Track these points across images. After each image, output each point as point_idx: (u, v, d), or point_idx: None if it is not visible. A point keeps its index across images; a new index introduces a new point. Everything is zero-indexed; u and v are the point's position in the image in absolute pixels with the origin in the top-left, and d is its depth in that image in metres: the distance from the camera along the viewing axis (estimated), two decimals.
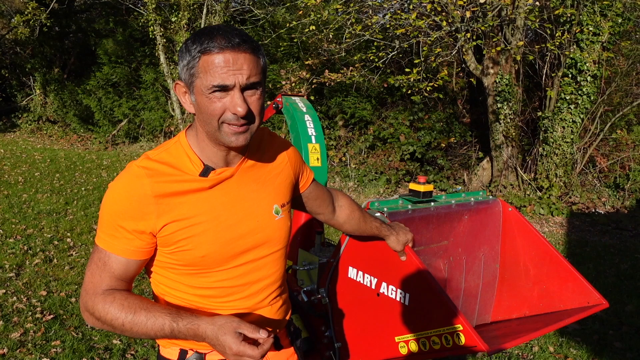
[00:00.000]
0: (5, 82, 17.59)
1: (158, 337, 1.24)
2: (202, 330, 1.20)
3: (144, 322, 1.22)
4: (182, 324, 1.21)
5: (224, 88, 1.20)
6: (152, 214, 1.25)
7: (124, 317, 1.23)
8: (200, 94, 1.22)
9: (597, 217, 7.78)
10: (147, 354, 3.60)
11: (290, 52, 10.92)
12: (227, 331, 1.18)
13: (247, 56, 1.20)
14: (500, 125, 8.54)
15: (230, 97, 1.21)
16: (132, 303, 1.24)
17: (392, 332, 1.82)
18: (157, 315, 1.22)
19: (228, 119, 1.23)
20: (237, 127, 1.23)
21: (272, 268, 1.45)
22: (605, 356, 3.80)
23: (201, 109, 1.24)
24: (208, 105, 1.22)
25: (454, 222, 2.25)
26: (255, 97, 1.24)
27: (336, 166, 10.23)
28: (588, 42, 7.64)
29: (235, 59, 1.19)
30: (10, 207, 7.28)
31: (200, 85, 1.21)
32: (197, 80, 1.21)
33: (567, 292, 2.05)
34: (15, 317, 4.01)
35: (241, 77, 1.20)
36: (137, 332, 1.23)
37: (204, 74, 1.20)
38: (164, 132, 13.20)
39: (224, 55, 1.18)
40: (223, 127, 1.24)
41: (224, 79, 1.19)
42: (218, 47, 1.18)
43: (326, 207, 1.69)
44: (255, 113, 1.25)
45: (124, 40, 13.90)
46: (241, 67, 1.19)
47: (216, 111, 1.22)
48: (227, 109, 1.22)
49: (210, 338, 1.19)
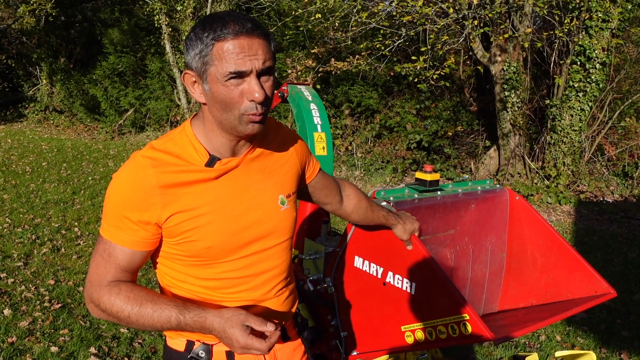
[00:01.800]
0: (12, 72, 17.64)
1: (164, 330, 1.24)
2: (209, 323, 1.19)
3: (150, 315, 1.21)
4: (189, 316, 1.20)
5: (240, 74, 1.18)
6: (157, 204, 1.24)
7: (129, 309, 1.22)
8: (216, 82, 1.20)
9: (605, 205, 7.74)
10: (155, 342, 3.63)
11: (296, 40, 10.87)
12: (234, 324, 1.17)
13: (260, 41, 1.19)
14: (508, 114, 8.48)
15: (247, 83, 1.20)
16: (138, 295, 1.23)
17: (398, 321, 1.82)
18: (163, 307, 1.21)
19: (247, 108, 1.21)
20: (255, 115, 1.22)
21: (278, 259, 1.44)
22: (612, 345, 3.79)
23: (217, 98, 1.21)
24: (226, 93, 1.20)
25: (461, 211, 2.24)
26: (269, 83, 1.23)
27: (342, 155, 10.21)
28: (597, 29, 7.55)
29: (250, 44, 1.18)
30: (18, 196, 7.32)
31: (215, 73, 1.19)
32: (211, 68, 1.19)
33: (575, 281, 2.04)
34: (23, 306, 4.04)
35: (257, 62, 1.18)
36: (142, 324, 1.22)
37: (219, 61, 1.17)
38: (170, 122, 13.22)
39: (239, 41, 1.17)
40: (243, 118, 1.23)
41: (240, 65, 1.17)
42: (232, 33, 1.16)
43: (333, 197, 1.67)
44: (270, 98, 1.25)
45: (129, 30, 13.88)
46: (256, 52, 1.18)
47: (234, 99, 1.20)
48: (244, 96, 1.20)
49: (218, 331, 1.19)
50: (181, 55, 12.26)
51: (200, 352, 1.39)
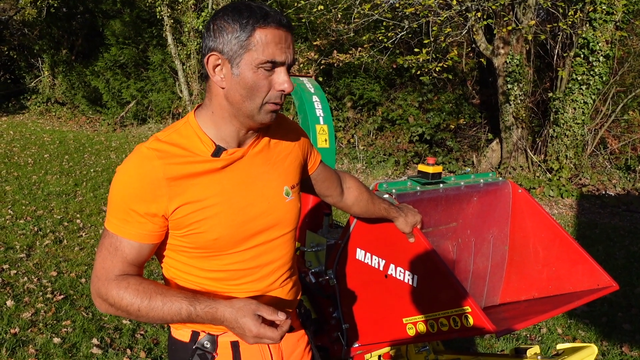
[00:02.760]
0: (14, 64, 17.63)
1: (174, 322, 1.24)
2: (221, 314, 1.20)
3: (160, 307, 1.21)
4: (199, 307, 1.21)
5: (275, 64, 1.22)
6: (164, 196, 1.23)
7: (139, 302, 1.22)
8: (248, 68, 1.21)
9: (607, 199, 7.73)
10: (157, 334, 3.64)
11: (298, 32, 10.83)
12: (246, 313, 1.18)
13: (290, 37, 1.25)
14: (510, 107, 8.46)
15: (276, 74, 1.23)
16: (147, 288, 1.23)
17: (400, 313, 1.82)
18: (173, 299, 1.21)
19: (271, 97, 1.25)
20: (275, 105, 1.26)
21: (283, 250, 1.44)
22: (614, 338, 3.79)
23: (246, 84, 1.22)
24: (255, 80, 1.22)
25: (463, 204, 2.23)
26: (289, 77, 1.27)
27: (344, 148, 10.20)
28: (601, 21, 7.51)
29: (286, 37, 1.23)
30: (21, 188, 7.34)
31: (250, 59, 1.20)
32: (247, 53, 1.20)
33: (577, 275, 2.04)
34: (26, 297, 4.06)
35: (290, 55, 1.24)
36: (152, 317, 1.22)
37: (259, 47, 1.20)
38: (172, 114, 13.20)
39: (280, 31, 1.21)
40: (265, 106, 1.25)
41: (278, 55, 1.21)
42: (275, 23, 1.20)
43: (334, 189, 1.67)
44: None
45: (131, 21, 13.85)
46: (290, 45, 1.24)
47: (262, 88, 1.23)
48: (272, 86, 1.24)
49: (229, 321, 1.19)
50: (183, 47, 12.23)
51: (205, 342, 1.39)
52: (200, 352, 1.39)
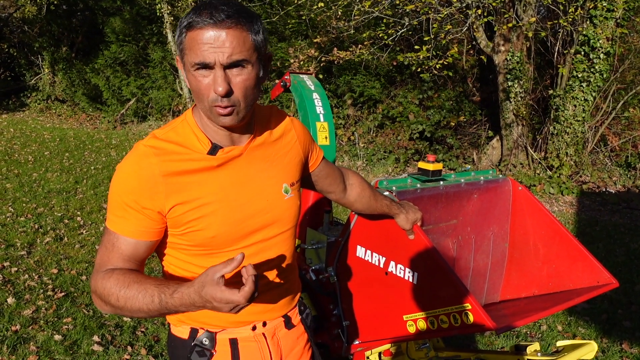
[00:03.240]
0: (14, 61, 17.61)
1: (153, 313, 1.17)
2: (187, 296, 1.11)
3: (135, 296, 1.16)
4: (168, 292, 1.14)
5: (204, 66, 1.17)
6: (161, 193, 1.24)
7: (118, 291, 1.18)
8: (188, 71, 1.20)
9: (607, 196, 7.73)
10: (157, 331, 3.65)
11: (298, 29, 10.81)
12: (205, 282, 1.08)
13: (230, 32, 1.15)
14: (511, 104, 8.45)
15: (212, 76, 1.18)
16: (127, 278, 1.19)
17: (400, 310, 1.82)
18: (147, 287, 1.16)
19: (213, 100, 1.19)
20: (222, 108, 1.20)
21: (282, 248, 1.44)
22: (614, 335, 3.80)
23: (191, 87, 1.22)
24: (195, 83, 1.19)
25: (463, 201, 2.24)
26: (241, 77, 1.19)
27: (345, 145, 10.19)
28: (602, 19, 7.49)
29: (217, 36, 1.14)
30: (21, 186, 7.34)
31: (187, 62, 1.19)
32: (185, 57, 1.19)
33: (577, 272, 2.04)
34: (27, 295, 4.06)
35: (222, 55, 1.15)
36: (130, 308, 1.17)
37: (189, 51, 1.17)
38: (172, 111, 13.20)
39: (206, 31, 1.14)
40: (212, 109, 1.22)
41: (205, 57, 1.15)
42: (201, 23, 1.15)
43: (337, 186, 1.67)
44: (239, 94, 1.20)
45: (131, 19, 13.83)
46: (223, 44, 1.15)
47: (202, 90, 1.19)
48: (211, 87, 1.19)
49: (198, 301, 1.10)
50: None
51: (204, 339, 1.39)
52: (199, 349, 1.39)
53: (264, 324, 1.46)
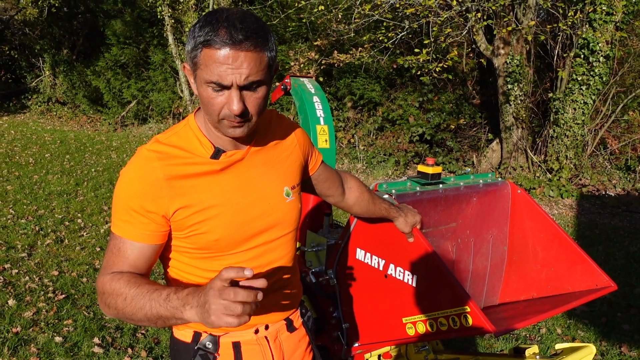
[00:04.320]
0: (15, 64, 17.63)
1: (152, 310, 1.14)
2: (196, 290, 1.09)
3: (143, 294, 1.15)
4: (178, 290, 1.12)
5: (220, 86, 1.17)
6: (165, 197, 1.25)
7: (127, 291, 1.17)
8: (201, 85, 1.20)
9: (607, 199, 7.74)
10: (157, 333, 3.65)
11: (299, 32, 10.84)
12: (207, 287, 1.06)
13: (248, 54, 1.14)
14: (511, 107, 8.47)
15: (227, 94, 1.18)
16: (138, 280, 1.20)
17: (399, 313, 1.83)
18: (157, 286, 1.16)
19: (226, 115, 1.20)
20: (234, 122, 1.21)
21: (284, 250, 1.45)
22: (613, 338, 3.80)
23: (202, 99, 1.22)
24: (207, 97, 1.20)
25: (463, 204, 2.24)
26: (255, 96, 1.21)
27: (345, 148, 10.20)
28: (601, 22, 7.51)
29: (236, 57, 1.14)
30: (22, 188, 7.35)
31: (201, 76, 1.18)
32: (198, 70, 1.19)
33: (576, 275, 2.05)
34: (27, 297, 4.07)
35: (239, 76, 1.15)
36: (135, 306, 1.15)
37: (204, 67, 1.16)
38: (172, 114, 13.21)
39: (225, 51, 1.13)
40: (222, 122, 1.22)
41: (222, 78, 1.15)
42: (220, 43, 1.13)
43: (336, 189, 1.68)
44: (253, 111, 1.22)
45: (132, 21, 13.86)
46: (241, 65, 1.14)
47: (214, 106, 1.19)
48: (224, 105, 1.19)
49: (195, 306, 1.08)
50: (184, 47, 12.24)
51: (207, 343, 1.40)
52: (202, 353, 1.40)
53: (267, 327, 1.47)
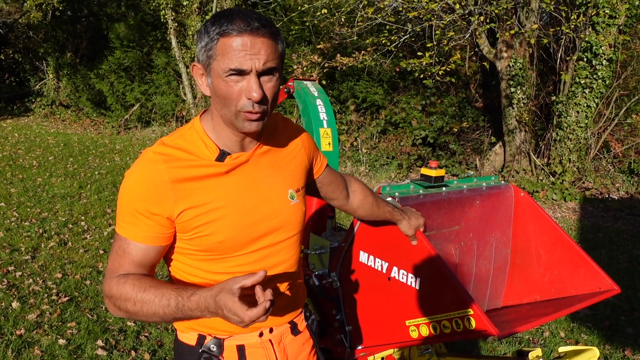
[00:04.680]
0: (19, 67, 17.69)
1: (168, 317, 1.20)
2: (204, 299, 1.14)
3: (152, 300, 1.19)
4: (185, 296, 1.16)
5: (240, 72, 1.19)
6: (170, 199, 1.26)
7: (134, 295, 1.20)
8: (217, 77, 1.21)
9: (610, 202, 7.72)
10: (161, 336, 3.66)
11: (301, 35, 10.86)
12: (223, 288, 1.11)
13: (265, 41, 1.19)
14: (514, 110, 8.47)
15: (246, 81, 1.20)
16: (144, 282, 1.22)
17: (403, 316, 1.83)
18: (164, 291, 1.19)
19: (244, 105, 1.22)
20: (251, 114, 1.22)
21: (288, 253, 1.45)
22: (616, 342, 3.79)
23: (218, 92, 1.23)
24: (225, 88, 1.21)
25: (466, 207, 2.25)
26: (271, 84, 1.23)
27: (347, 151, 10.21)
28: (604, 25, 7.51)
29: (253, 43, 1.18)
30: (25, 190, 7.37)
31: (217, 68, 1.20)
32: (214, 62, 1.20)
33: (579, 278, 2.05)
34: (31, 299, 4.08)
35: (258, 62, 1.19)
36: (147, 312, 1.20)
37: (222, 57, 1.19)
38: (175, 117, 13.23)
39: (242, 38, 1.17)
40: (240, 115, 1.23)
41: (241, 63, 1.18)
42: (237, 30, 1.17)
43: (340, 193, 1.69)
44: (270, 99, 1.24)
45: (135, 25, 13.90)
46: (259, 51, 1.18)
47: (233, 95, 1.21)
48: (242, 93, 1.21)
49: (212, 306, 1.12)
50: (187, 50, 12.29)
51: (211, 345, 1.40)
52: (206, 356, 1.40)
53: (271, 330, 1.47)
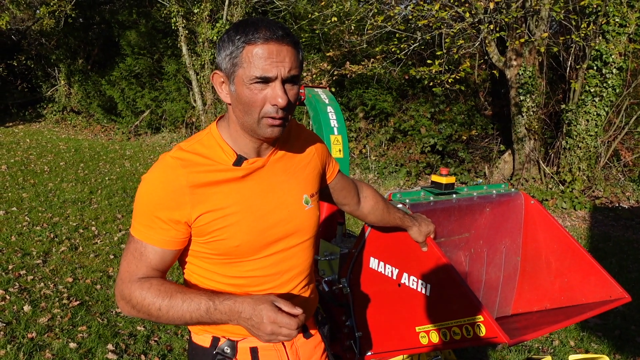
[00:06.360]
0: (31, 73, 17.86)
1: (193, 320, 1.24)
2: (239, 304, 1.19)
3: (180, 305, 1.22)
4: (218, 301, 1.21)
5: (266, 80, 1.22)
6: (187, 204, 1.27)
7: (160, 302, 1.24)
8: (241, 84, 1.24)
9: (620, 211, 7.67)
10: (170, 340, 3.68)
11: (311, 43, 10.91)
12: (264, 301, 1.17)
13: (289, 49, 1.23)
14: (523, 118, 8.45)
15: (271, 88, 1.23)
16: (168, 288, 1.26)
17: (413, 322, 1.84)
18: (192, 296, 1.23)
19: (268, 112, 1.24)
20: (274, 119, 1.25)
21: (302, 257, 1.47)
22: (626, 351, 3.77)
23: (241, 100, 1.25)
24: (249, 96, 1.23)
25: (476, 215, 2.25)
26: (293, 91, 1.27)
27: (356, 158, 10.22)
28: (614, 34, 7.50)
29: (279, 51, 1.21)
30: (37, 195, 7.44)
31: (242, 75, 1.23)
32: (239, 70, 1.23)
33: (589, 286, 2.05)
34: (42, 303, 4.12)
35: (283, 69, 1.22)
36: (172, 316, 1.23)
37: (248, 64, 1.21)
38: (185, 123, 13.31)
39: (268, 46, 1.20)
40: (262, 120, 1.26)
41: (267, 71, 1.21)
42: (263, 38, 1.20)
43: (352, 198, 1.71)
44: (292, 105, 1.28)
45: (146, 32, 14.01)
46: (284, 59, 1.22)
47: (257, 102, 1.24)
48: (267, 100, 1.23)
49: (247, 311, 1.18)
50: (197, 58, 12.38)
51: (225, 347, 1.42)
52: (220, 358, 1.42)
53: None
